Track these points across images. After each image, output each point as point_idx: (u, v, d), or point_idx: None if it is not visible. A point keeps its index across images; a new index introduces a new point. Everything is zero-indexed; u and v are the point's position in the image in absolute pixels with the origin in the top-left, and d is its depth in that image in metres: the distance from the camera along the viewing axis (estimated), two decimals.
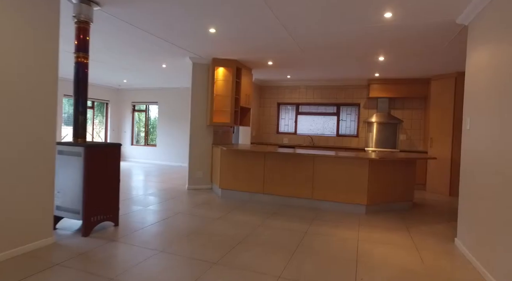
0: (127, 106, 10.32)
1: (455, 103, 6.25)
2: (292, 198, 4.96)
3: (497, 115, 2.55)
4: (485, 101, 2.81)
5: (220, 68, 5.96)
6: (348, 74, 7.03)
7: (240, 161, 5.26)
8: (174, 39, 4.71)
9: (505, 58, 2.49)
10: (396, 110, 7.46)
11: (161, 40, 4.72)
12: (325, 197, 4.75)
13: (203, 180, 6.03)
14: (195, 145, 5.97)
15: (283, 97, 8.41)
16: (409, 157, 4.61)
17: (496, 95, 2.61)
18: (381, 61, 5.57)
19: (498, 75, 2.59)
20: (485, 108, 2.81)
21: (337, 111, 8.00)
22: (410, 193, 5.02)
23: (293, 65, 6.23)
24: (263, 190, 5.11)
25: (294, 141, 8.28)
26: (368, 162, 4.53)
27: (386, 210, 4.76)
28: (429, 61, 5.48)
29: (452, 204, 5.52)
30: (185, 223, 3.86)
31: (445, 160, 6.36)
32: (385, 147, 7.45)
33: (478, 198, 2.86)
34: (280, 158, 5.02)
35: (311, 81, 8.02)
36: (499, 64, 2.57)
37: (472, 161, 3.06)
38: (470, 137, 3.13)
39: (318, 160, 4.79)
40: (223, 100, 5.96)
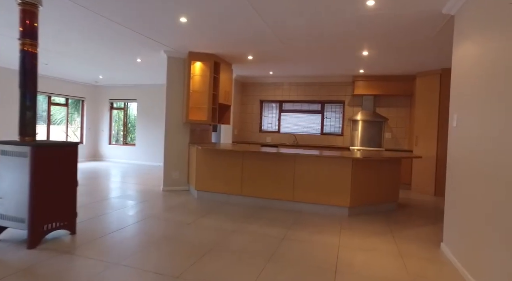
0: (104, 103, 9.86)
1: (440, 101, 6.09)
2: (272, 200, 4.68)
3: (486, 111, 2.32)
4: (473, 96, 2.59)
5: (197, 63, 5.63)
6: (333, 71, 6.80)
7: (217, 161, 4.95)
8: (142, 29, 4.35)
9: (493, 50, 2.26)
10: (381, 108, 7.27)
11: (128, 29, 4.36)
12: (307, 199, 4.49)
13: (179, 181, 5.69)
14: (171, 144, 5.63)
15: (266, 94, 8.13)
16: (393, 156, 4.40)
17: (484, 90, 2.38)
18: (365, 56, 5.34)
19: (486, 68, 2.37)
20: (473, 104, 2.58)
21: (322, 108, 7.77)
22: (395, 193, 4.81)
23: (275, 60, 5.95)
24: (241, 191, 4.81)
25: (277, 140, 8.01)
26: (351, 162, 4.29)
27: (370, 212, 4.54)
28: (414, 56, 5.29)
29: (437, 204, 5.34)
30: (153, 229, 3.53)
31: (430, 159, 6.20)
32: (370, 145, 7.26)
33: (466, 200, 2.63)
34: (259, 158, 4.73)
35: (295, 78, 7.76)
36: (487, 56, 2.34)
37: (459, 160, 2.84)
38: (457, 135, 2.91)
39: (299, 160, 4.53)
40: (200, 97, 5.64)
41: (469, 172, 2.60)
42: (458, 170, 2.86)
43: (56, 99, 8.87)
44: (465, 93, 2.78)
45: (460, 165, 2.81)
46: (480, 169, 2.39)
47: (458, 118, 2.89)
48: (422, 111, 6.39)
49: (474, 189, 2.47)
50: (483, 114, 2.38)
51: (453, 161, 3.01)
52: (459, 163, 2.82)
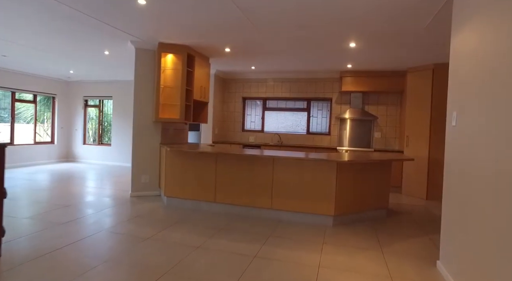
0: (78, 101, 9.22)
1: (432, 98, 5.69)
2: (248, 207, 4.19)
3: (493, 108, 1.87)
4: (476, 91, 2.14)
5: (168, 55, 5.09)
6: (319, 66, 6.33)
7: (188, 164, 4.44)
8: (103, 16, 3.81)
9: (502, 36, 1.80)
10: (370, 106, 6.84)
11: (89, 17, 3.81)
12: (286, 207, 4.01)
13: (150, 186, 5.16)
14: (140, 145, 5.08)
15: (249, 91, 7.63)
16: (383, 159, 3.95)
17: (490, 84, 1.93)
18: (352, 48, 4.88)
19: (492, 58, 1.91)
20: (477, 100, 2.13)
21: (308, 106, 7.30)
22: (385, 199, 4.37)
23: (254, 52, 5.45)
24: (215, 198, 4.31)
25: (261, 140, 7.53)
26: (335, 166, 3.82)
27: (357, 221, 4.09)
28: (405, 50, 4.85)
29: (430, 210, 4.93)
30: (101, 248, 3.00)
31: (422, 161, 5.79)
32: (359, 146, 6.83)
33: (467, 211, 2.18)
34: (234, 160, 4.23)
35: (279, 74, 7.28)
36: (494, 44, 1.89)
37: (459, 164, 2.39)
38: (457, 135, 2.46)
39: (278, 163, 4.05)
40: (172, 93, 5.10)
41: (471, 178, 2.15)
42: (457, 175, 2.41)
43: (23, 95, 8.20)
44: (466, 87, 2.33)
45: (460, 170, 2.36)
46: (485, 175, 1.94)
47: (459, 117, 2.44)
48: (414, 109, 5.97)
49: (478, 198, 2.02)
50: (489, 111, 1.92)
51: (451, 165, 2.56)
52: (459, 167, 2.37)
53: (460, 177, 2.35)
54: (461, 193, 2.33)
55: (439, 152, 5.64)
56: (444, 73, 5.84)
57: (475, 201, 2.08)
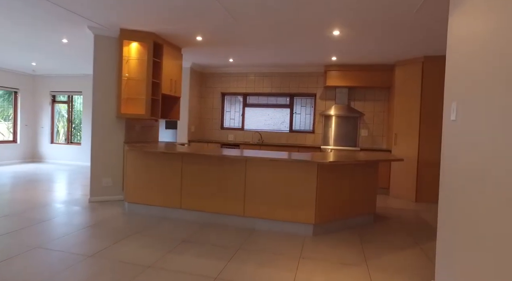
0: (44, 96, 8.53)
1: (422, 93, 5.31)
2: (218, 214, 3.70)
3: (507, 97, 1.43)
4: (482, 79, 1.70)
5: (132, 44, 4.55)
6: (302, 58, 5.87)
7: (151, 166, 3.91)
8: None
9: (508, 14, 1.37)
10: (356, 102, 6.44)
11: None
12: (261, 214, 3.54)
13: (112, 190, 4.61)
14: (100, 143, 4.53)
15: (228, 86, 7.12)
16: (370, 159, 3.52)
17: (498, 70, 1.49)
18: (337, 37, 4.43)
19: (501, 39, 1.47)
20: (482, 89, 1.70)
21: (290, 102, 6.85)
22: (371, 204, 3.95)
23: (230, 42, 4.95)
24: (180, 204, 3.80)
25: (240, 138, 7.04)
26: (316, 167, 3.37)
27: (340, 229, 3.65)
28: (393, 41, 4.43)
29: (420, 214, 4.54)
30: (28, 272, 2.46)
31: (411, 161, 5.41)
32: (345, 144, 6.42)
33: (470, 222, 1.75)
34: (202, 161, 3.73)
35: (260, 67, 6.80)
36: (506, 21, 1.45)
37: (459, 167, 1.96)
38: (458, 131, 2.03)
39: (251, 164, 3.57)
40: (137, 85, 4.57)
41: (476, 182, 1.71)
42: (457, 179, 1.98)
43: None
44: (470, 74, 1.89)
45: (461, 173, 1.93)
46: (499, 182, 1.50)
47: (460, 109, 2.00)
48: (402, 106, 5.59)
49: (487, 210, 1.59)
50: (502, 102, 1.49)
51: (450, 169, 2.13)
52: (460, 170, 1.94)
53: (463, 184, 1.91)
54: (462, 202, 1.89)
55: (429, 151, 5.27)
56: (434, 67, 5.51)
57: (483, 214, 1.65)
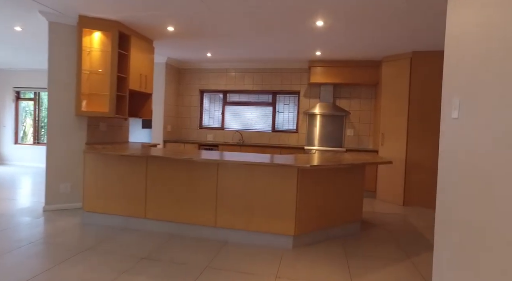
0: (7, 92, 7.87)
1: (410, 91, 5.02)
2: (187, 225, 3.28)
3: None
4: (496, 70, 1.36)
5: (95, 33, 4.08)
6: (285, 53, 5.50)
7: (113, 170, 3.46)
8: None
9: None
10: (342, 100, 6.12)
11: None
12: (234, 225, 3.14)
13: (72, 197, 4.12)
14: (57, 144, 4.04)
15: (207, 83, 6.69)
16: (356, 163, 3.17)
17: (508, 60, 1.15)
18: (320, 28, 4.08)
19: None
20: (495, 82, 1.35)
21: (273, 100, 6.47)
22: (358, 210, 3.61)
23: (206, 34, 4.52)
24: (145, 214, 3.36)
25: (220, 138, 6.62)
26: (296, 172, 2.99)
27: (323, 240, 3.29)
28: (381, 33, 4.11)
29: (408, 219, 4.24)
30: None
31: (398, 162, 5.12)
32: (330, 145, 6.09)
33: (475, 235, 1.41)
34: (168, 165, 3.31)
35: (241, 63, 6.40)
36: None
37: (463, 171, 1.62)
38: (461, 132, 1.68)
39: (224, 169, 3.16)
40: (100, 80, 4.10)
41: (484, 189, 1.37)
42: (459, 185, 1.64)
43: None
44: (476, 66, 1.55)
45: (464, 179, 1.59)
46: (507, 185, 1.15)
47: (463, 106, 1.66)
48: (389, 104, 5.29)
49: (493, 218, 1.24)
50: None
51: (451, 171, 1.79)
52: (465, 175, 1.60)
53: (464, 187, 1.57)
54: (466, 214, 1.55)
55: (417, 152, 4.99)
56: (424, 63, 5.21)
57: (492, 227, 1.30)
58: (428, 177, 4.95)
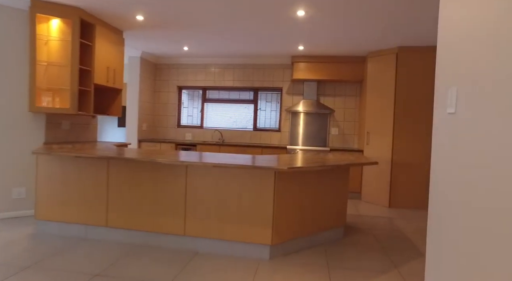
0: None
1: (396, 87, 4.80)
2: (153, 234, 2.94)
3: None
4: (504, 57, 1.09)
5: (52, 20, 3.68)
6: (265, 47, 5.20)
7: (70, 173, 3.08)
8: None
9: None
10: (326, 97, 5.87)
11: None
12: (205, 233, 2.82)
13: (27, 203, 3.71)
14: (7, 145, 3.61)
15: (186, 79, 6.33)
16: (340, 164, 2.90)
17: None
18: (302, 19, 3.80)
19: None
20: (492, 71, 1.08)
21: (254, 97, 6.17)
22: (341, 215, 3.35)
23: (179, 25, 4.17)
24: (107, 222, 3.00)
25: (199, 137, 6.28)
26: (273, 175, 2.70)
27: (303, 248, 3.01)
28: (366, 26, 3.86)
29: (393, 222, 4.01)
30: None
31: (384, 161, 4.90)
32: (313, 144, 5.84)
33: (474, 248, 1.14)
34: (133, 168, 2.96)
35: (221, 58, 6.06)
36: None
37: (462, 174, 1.34)
38: (458, 128, 1.41)
39: (194, 172, 2.84)
40: (60, 73, 3.70)
41: (488, 196, 1.10)
42: (458, 189, 1.36)
43: None
44: (477, 51, 1.28)
45: (465, 183, 1.31)
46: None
47: (462, 98, 1.39)
48: (375, 101, 5.07)
49: (498, 229, 0.97)
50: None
51: (447, 173, 1.52)
52: (465, 179, 1.33)
53: (467, 197, 1.30)
54: (465, 224, 1.28)
55: (404, 151, 4.78)
56: (410, 58, 4.97)
57: (495, 239, 1.03)
58: (415, 177, 4.76)
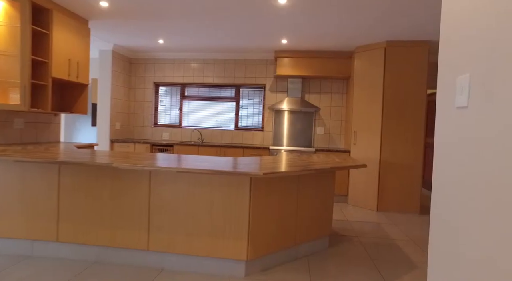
0: None
1: (385, 85, 4.54)
2: (113, 249, 2.56)
3: None
4: None
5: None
6: (247, 41, 4.86)
7: (13, 180, 2.66)
8: None
9: None
10: (311, 95, 5.57)
11: None
12: (173, 248, 2.46)
13: None
14: None
15: (163, 75, 5.93)
16: (325, 167, 2.59)
17: None
18: (284, 8, 3.47)
19: None
20: None
21: (236, 95, 5.82)
22: (326, 223, 3.04)
23: (150, 13, 3.78)
24: (57, 236, 2.60)
25: (177, 137, 5.89)
26: (249, 181, 2.36)
27: (284, 263, 2.68)
28: (352, 17, 3.56)
29: (382, 228, 3.74)
30: None
31: (372, 162, 4.64)
32: (298, 144, 5.53)
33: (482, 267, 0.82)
34: (90, 174, 2.56)
35: (200, 53, 5.69)
36: None
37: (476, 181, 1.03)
38: (472, 126, 1.10)
39: (159, 178, 2.47)
40: (7, 64, 3.26)
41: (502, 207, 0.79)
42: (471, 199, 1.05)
43: None
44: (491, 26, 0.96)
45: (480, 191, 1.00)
46: None
47: (476, 88, 1.07)
48: (362, 99, 4.79)
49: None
50: None
51: (457, 185, 1.20)
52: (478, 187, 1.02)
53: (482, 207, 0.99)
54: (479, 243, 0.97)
55: (392, 151, 4.53)
56: (399, 53, 4.72)
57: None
58: (404, 179, 4.51)
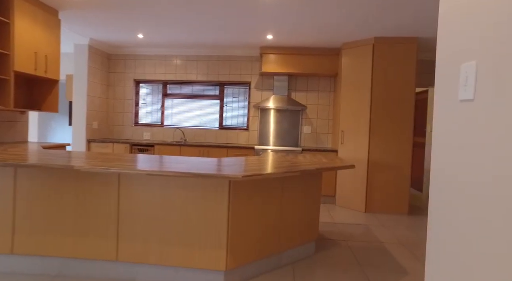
0: None
1: (373, 82, 4.40)
2: (77, 260, 2.32)
3: None
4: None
5: None
6: (231, 36, 4.65)
7: None
8: None
9: None
10: (298, 93, 5.40)
11: None
12: (144, 258, 2.24)
13: None
14: None
15: (144, 72, 5.66)
16: (310, 168, 2.40)
17: None
18: (268, 1, 3.27)
19: None
20: None
21: (220, 92, 5.60)
22: (313, 228, 2.86)
23: (125, 3, 3.53)
24: (12, 248, 2.34)
25: (159, 137, 5.63)
26: (228, 185, 2.16)
27: (266, 272, 2.49)
28: (338, 13, 3.39)
29: (371, 231, 3.59)
30: None
31: (360, 162, 4.50)
32: (284, 144, 5.36)
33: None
34: (51, 178, 2.31)
35: (183, 49, 5.44)
36: None
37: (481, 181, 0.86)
38: (478, 121, 0.93)
39: (129, 182, 2.24)
40: None
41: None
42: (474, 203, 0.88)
43: None
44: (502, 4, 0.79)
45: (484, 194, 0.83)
46: None
47: (483, 78, 0.90)
48: (350, 97, 4.64)
49: None
50: None
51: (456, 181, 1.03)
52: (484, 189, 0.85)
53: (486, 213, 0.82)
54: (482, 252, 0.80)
55: (381, 151, 4.40)
56: (387, 50, 4.54)
57: None
58: (393, 180, 4.39)
